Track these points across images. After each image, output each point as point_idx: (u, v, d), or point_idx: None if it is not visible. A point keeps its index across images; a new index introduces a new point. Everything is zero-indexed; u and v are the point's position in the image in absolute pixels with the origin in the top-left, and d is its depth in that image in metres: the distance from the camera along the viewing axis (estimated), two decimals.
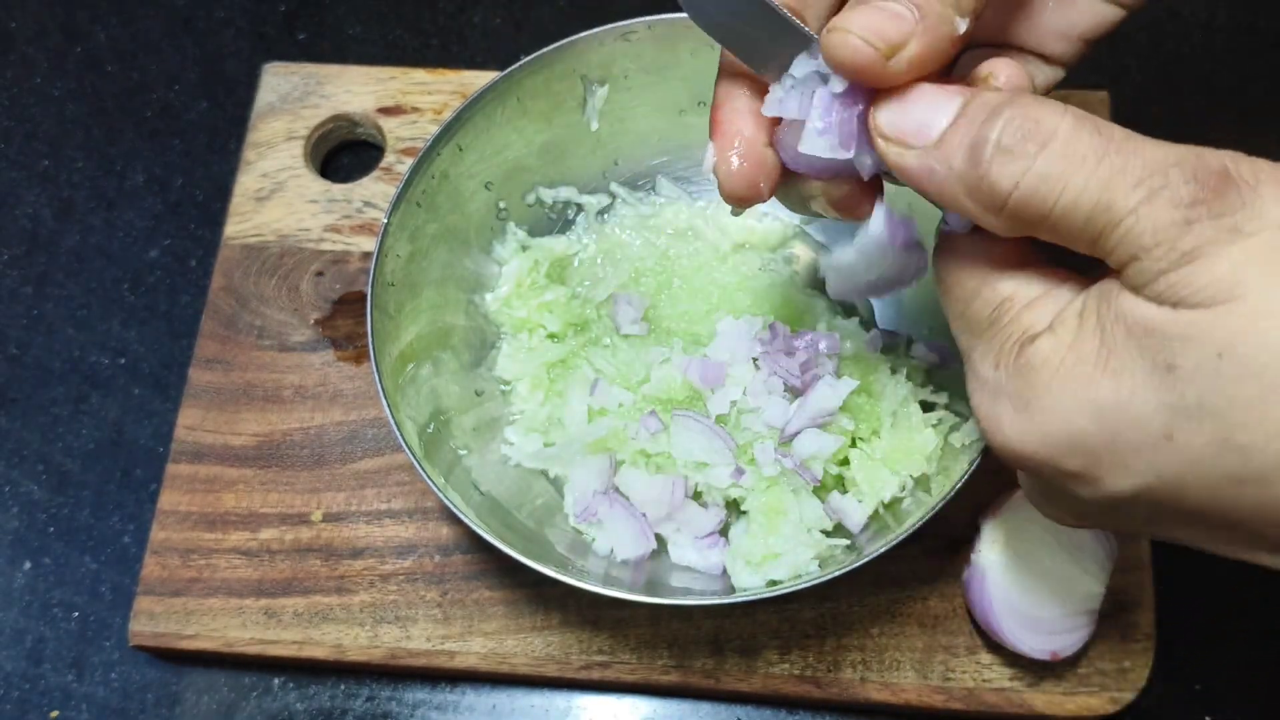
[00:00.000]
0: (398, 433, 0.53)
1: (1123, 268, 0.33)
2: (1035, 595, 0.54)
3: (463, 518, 0.52)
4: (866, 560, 0.51)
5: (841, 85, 0.39)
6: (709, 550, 0.56)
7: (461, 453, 0.58)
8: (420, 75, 0.75)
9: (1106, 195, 0.32)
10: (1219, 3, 0.80)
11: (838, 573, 0.50)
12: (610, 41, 0.61)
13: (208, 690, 0.62)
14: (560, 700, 0.61)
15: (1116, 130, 0.33)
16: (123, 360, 0.71)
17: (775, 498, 0.55)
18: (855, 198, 0.42)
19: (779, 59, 0.41)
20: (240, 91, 0.79)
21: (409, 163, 0.67)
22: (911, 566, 0.60)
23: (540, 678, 0.60)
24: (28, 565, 0.66)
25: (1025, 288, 0.37)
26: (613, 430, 0.58)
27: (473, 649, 0.60)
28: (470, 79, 0.75)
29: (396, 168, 0.72)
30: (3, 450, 0.69)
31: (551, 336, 0.63)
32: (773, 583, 0.53)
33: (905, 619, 0.59)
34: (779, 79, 0.41)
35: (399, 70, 0.75)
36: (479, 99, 0.60)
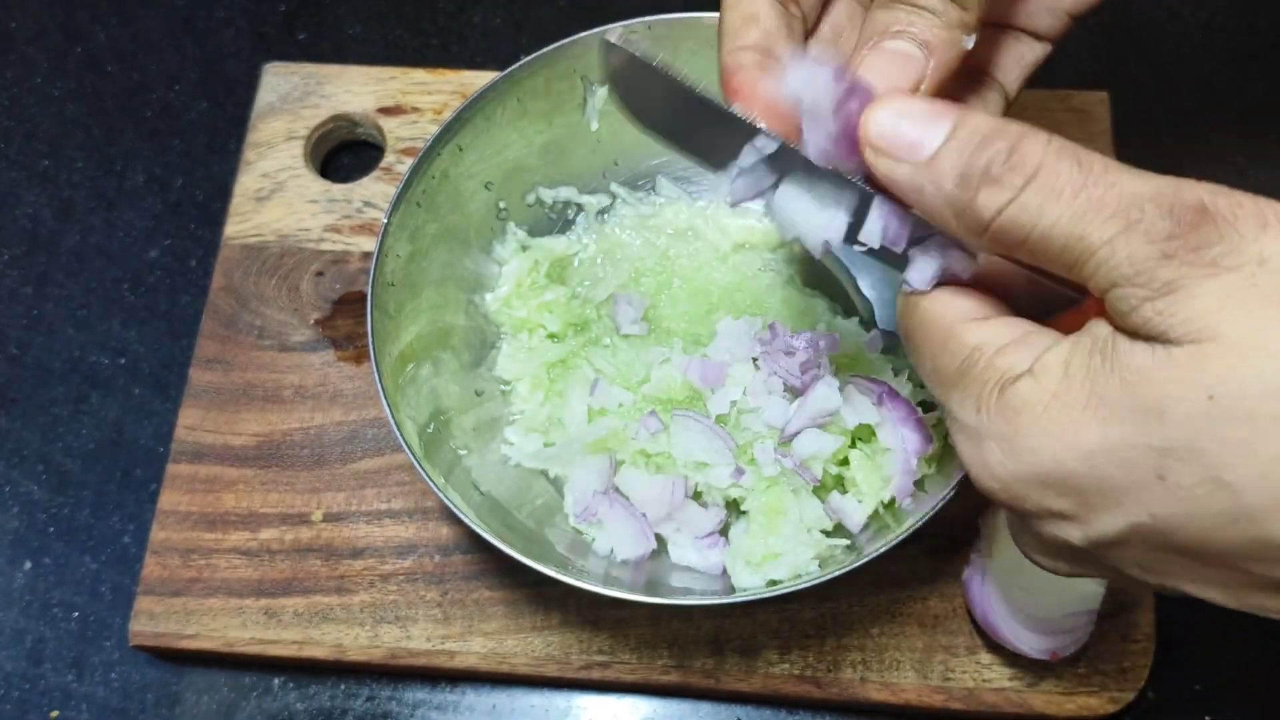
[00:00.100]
0: (398, 433, 0.53)
1: (1105, 294, 0.33)
2: (1035, 595, 0.54)
3: (463, 518, 0.52)
4: (866, 560, 0.51)
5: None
6: (709, 550, 0.56)
7: (461, 453, 0.58)
8: (420, 75, 0.75)
9: (1080, 227, 0.33)
10: (1219, 3, 0.79)
11: (838, 573, 0.50)
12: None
13: (208, 690, 0.62)
14: (560, 700, 0.61)
15: (1097, 162, 0.33)
16: (123, 360, 0.71)
17: (775, 498, 0.55)
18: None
19: (725, 150, 0.42)
20: (240, 91, 0.79)
21: (409, 163, 0.67)
22: (911, 566, 0.60)
23: (540, 678, 0.60)
24: (28, 565, 0.66)
25: (993, 336, 0.37)
26: (613, 430, 0.58)
27: (473, 649, 0.60)
28: (470, 79, 0.75)
29: (396, 168, 0.72)
30: (3, 450, 0.69)
31: (551, 336, 0.63)
32: (773, 583, 0.53)
33: (905, 619, 0.59)
34: (725, 169, 0.43)
35: (399, 70, 0.75)
36: (479, 99, 0.60)
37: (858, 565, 0.51)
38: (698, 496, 0.58)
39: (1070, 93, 0.71)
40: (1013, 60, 0.47)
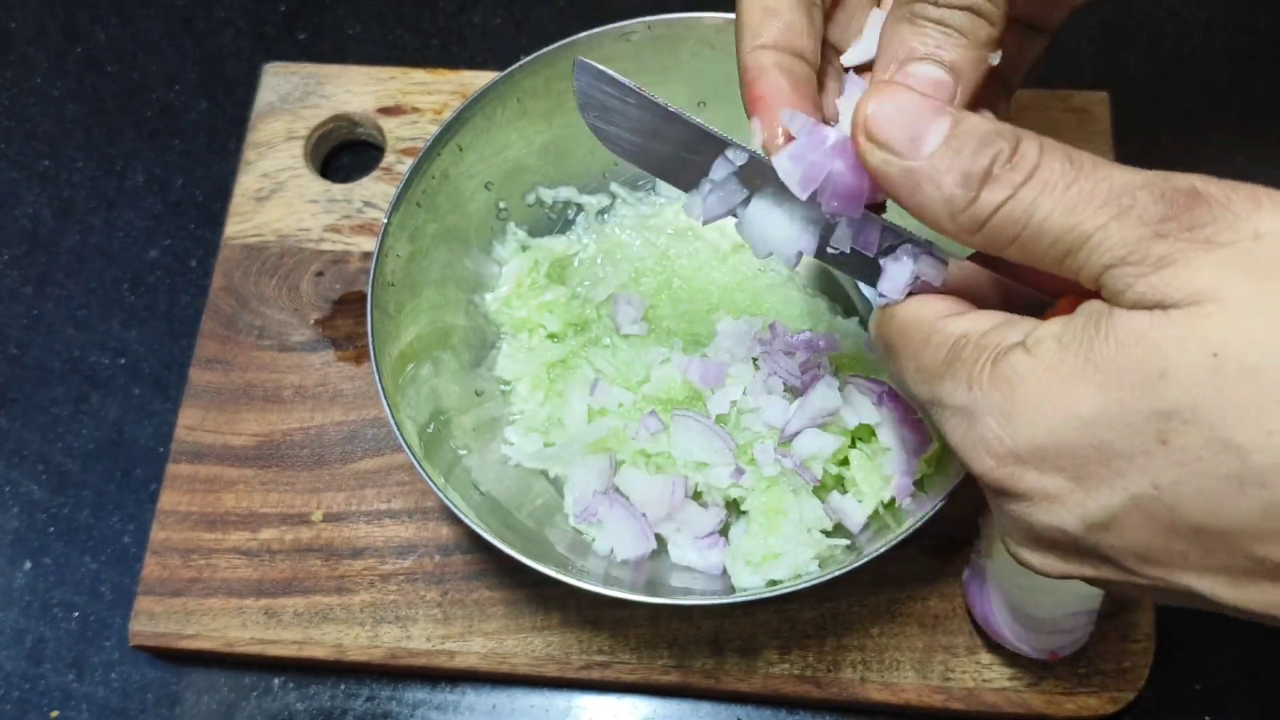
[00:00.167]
0: (398, 433, 0.53)
1: (1097, 280, 0.33)
2: (1035, 595, 0.54)
3: (463, 518, 0.52)
4: (866, 560, 0.51)
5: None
6: (709, 550, 0.56)
7: (461, 453, 0.58)
8: (420, 75, 0.75)
9: (1073, 217, 0.33)
10: (1219, 3, 0.79)
11: (838, 573, 0.50)
12: (610, 42, 0.61)
13: (208, 690, 0.62)
14: (560, 700, 0.61)
15: (1087, 159, 0.34)
16: (123, 360, 0.71)
17: (775, 498, 0.55)
18: None
19: (697, 169, 0.43)
20: (240, 91, 0.79)
21: (409, 163, 0.67)
22: (911, 566, 0.60)
23: (540, 678, 0.60)
24: (28, 565, 0.66)
25: (976, 324, 0.37)
26: (613, 430, 0.58)
27: (473, 649, 0.60)
28: (470, 79, 0.75)
29: (396, 168, 0.72)
30: (3, 450, 0.69)
31: (551, 336, 0.63)
32: (773, 583, 0.53)
33: (905, 619, 0.59)
34: (697, 188, 0.43)
35: (399, 70, 0.75)
36: (479, 99, 0.60)
37: (858, 565, 0.51)
38: (698, 496, 0.58)
39: (1070, 93, 0.71)
40: (1016, 53, 0.47)
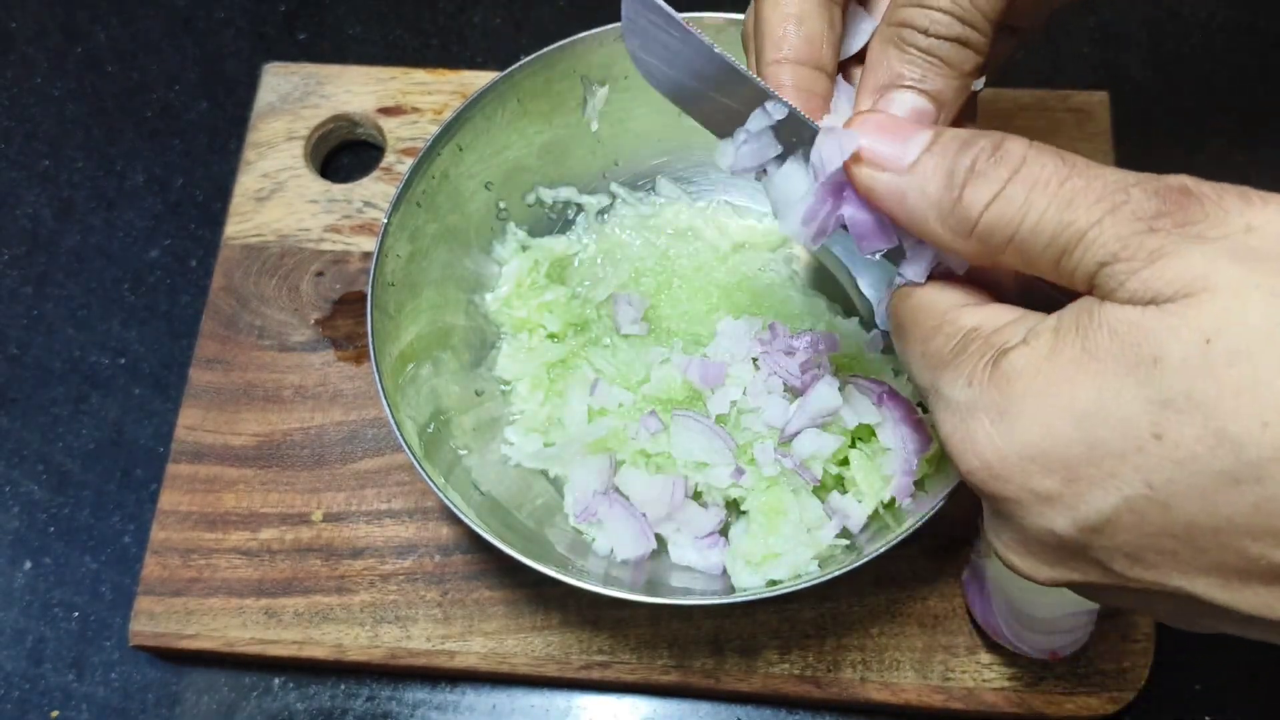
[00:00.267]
0: (398, 433, 0.53)
1: (1092, 279, 0.33)
2: (1035, 595, 0.54)
3: (463, 518, 0.52)
4: (866, 560, 0.51)
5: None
6: (709, 550, 0.56)
7: (461, 453, 0.58)
8: (420, 75, 0.75)
9: (1068, 214, 0.33)
10: (1219, 3, 0.80)
11: (838, 573, 0.50)
12: (610, 41, 0.61)
13: (208, 690, 0.62)
14: (560, 700, 0.61)
15: (1079, 159, 0.34)
16: (123, 360, 0.71)
17: (775, 498, 0.55)
18: None
19: (734, 117, 0.42)
20: (240, 91, 0.79)
21: (409, 163, 0.67)
22: (911, 566, 0.60)
23: (540, 678, 0.60)
24: (28, 565, 0.66)
25: (989, 318, 0.37)
26: (613, 430, 0.58)
27: (473, 649, 0.60)
28: (470, 79, 0.75)
29: (396, 168, 0.72)
30: (3, 450, 0.69)
31: (551, 336, 0.63)
32: (773, 583, 0.53)
33: (905, 619, 0.59)
34: (731, 135, 0.42)
35: (399, 70, 0.75)
36: (479, 99, 0.60)
37: (858, 565, 0.51)
38: (698, 496, 0.58)
39: (1070, 93, 0.71)
40: (990, 59, 0.47)
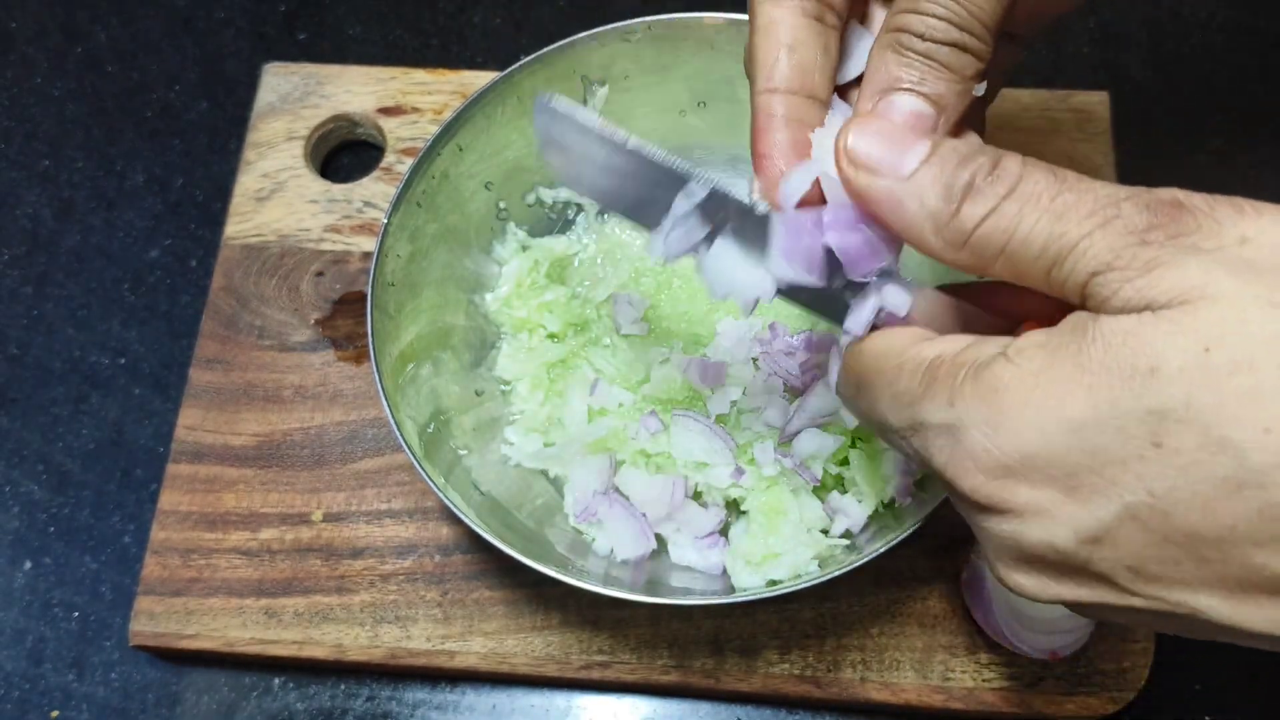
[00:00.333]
0: (398, 433, 0.53)
1: (1083, 289, 0.33)
2: None
3: (463, 518, 0.52)
4: (866, 560, 0.51)
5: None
6: (709, 550, 0.56)
7: (461, 453, 0.58)
8: (420, 75, 0.75)
9: (1059, 226, 0.33)
10: (1219, 3, 0.80)
11: (838, 573, 0.50)
12: (610, 42, 0.61)
13: (208, 690, 0.62)
14: (560, 700, 0.61)
15: (1070, 173, 0.34)
16: (123, 360, 0.71)
17: (775, 498, 0.55)
18: None
19: (660, 207, 0.42)
20: (240, 91, 0.79)
21: (409, 163, 0.67)
22: (911, 566, 0.60)
23: (540, 678, 0.60)
24: (28, 565, 0.66)
25: (950, 345, 0.36)
26: (613, 430, 0.58)
27: (473, 649, 0.60)
28: (470, 79, 0.75)
29: (396, 168, 0.72)
30: (3, 450, 0.69)
31: (551, 336, 0.63)
32: (773, 583, 0.53)
33: (905, 619, 0.59)
34: (658, 224, 0.42)
35: (399, 70, 0.75)
36: (479, 99, 0.60)
37: (858, 565, 0.51)
38: (698, 496, 0.58)
39: (1070, 93, 0.71)
40: (993, 65, 0.47)
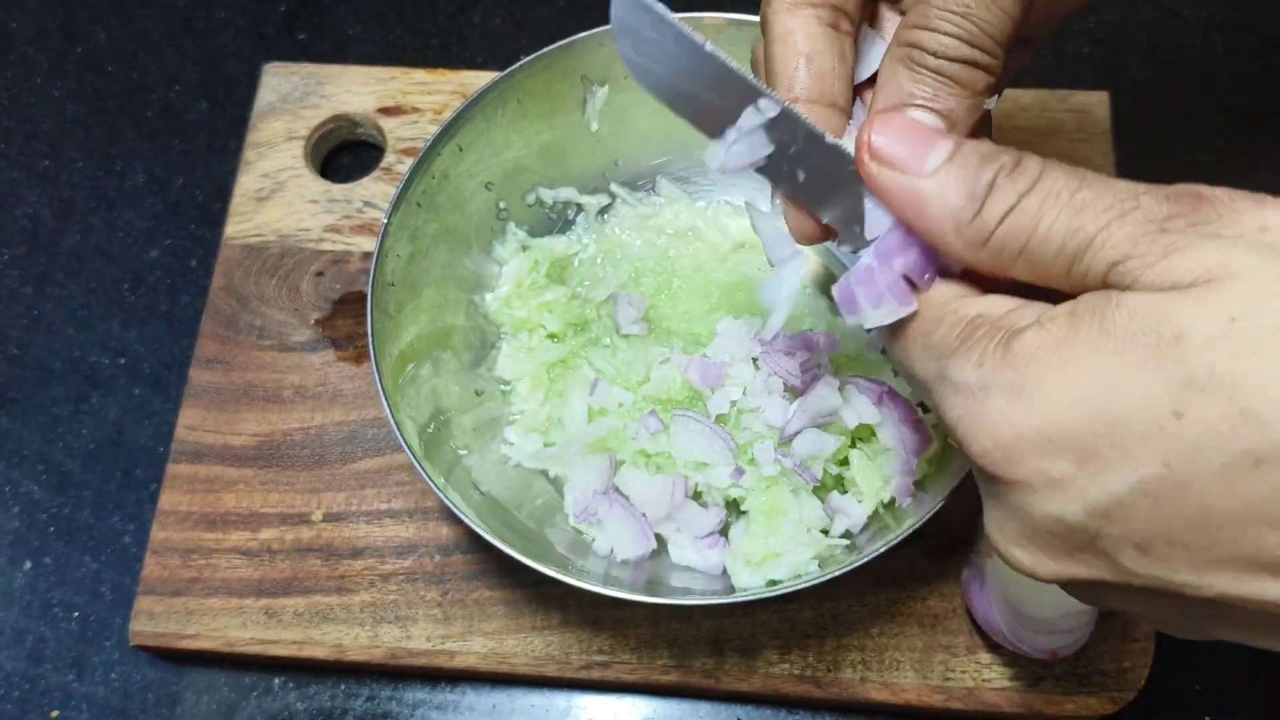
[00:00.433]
0: (398, 433, 0.53)
1: (1104, 279, 0.33)
2: (1035, 595, 0.54)
3: (463, 518, 0.52)
4: (866, 560, 0.51)
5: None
6: (709, 550, 0.56)
7: (461, 453, 0.58)
8: (420, 75, 0.75)
9: (1077, 221, 0.33)
10: (1219, 3, 0.80)
11: (838, 573, 0.50)
12: (610, 42, 0.60)
13: (208, 690, 0.62)
14: (560, 700, 0.61)
15: (1090, 173, 0.34)
16: (123, 360, 0.71)
17: (775, 498, 0.55)
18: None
19: (726, 116, 0.41)
20: (240, 91, 0.79)
21: (409, 163, 0.67)
22: (911, 566, 0.60)
23: (540, 678, 0.60)
24: (28, 565, 0.66)
25: (994, 305, 0.36)
26: (613, 430, 0.58)
27: (473, 649, 0.60)
28: (470, 79, 0.75)
29: (396, 168, 0.72)
30: (3, 450, 0.69)
31: (551, 336, 0.63)
32: (773, 583, 0.53)
33: (905, 619, 0.59)
34: (723, 136, 0.42)
35: (399, 70, 0.75)
36: (479, 99, 0.60)
37: (858, 565, 0.51)
38: (698, 496, 0.58)
39: (1070, 93, 0.71)
40: (1004, 72, 0.47)
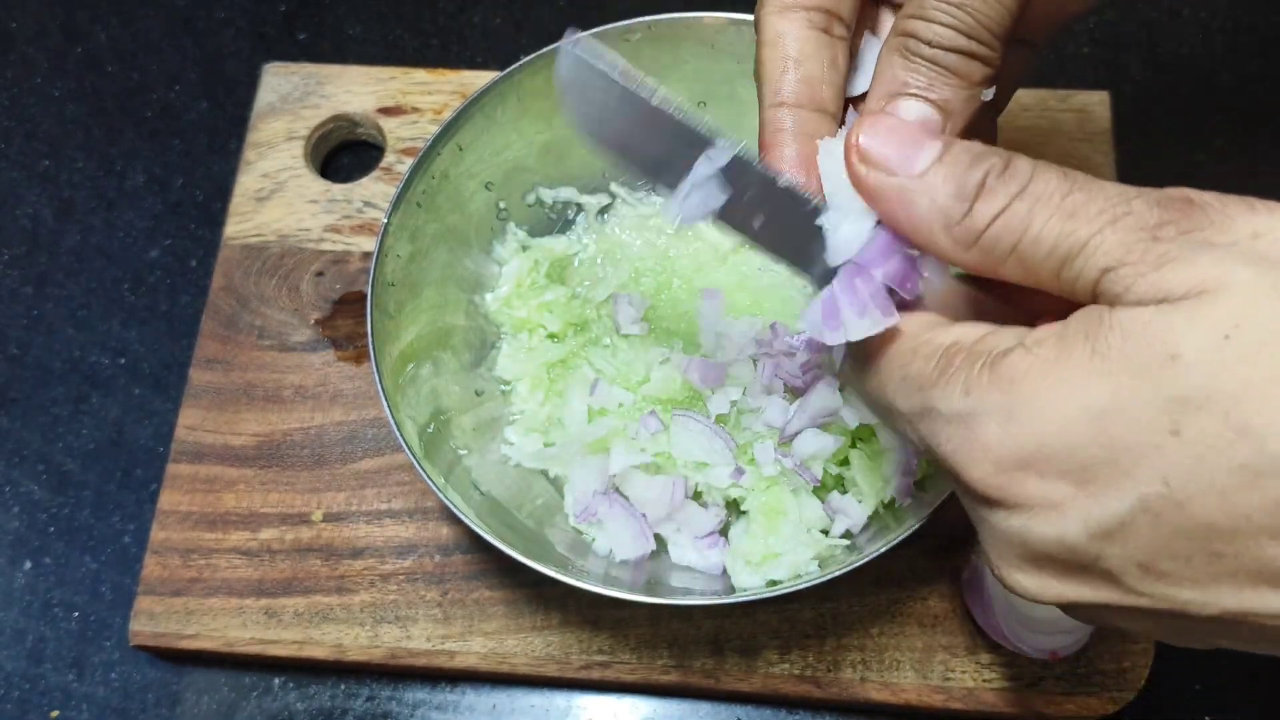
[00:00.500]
0: (398, 433, 0.53)
1: (1095, 286, 0.33)
2: None
3: (463, 518, 0.52)
4: (866, 560, 0.51)
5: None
6: (709, 550, 0.56)
7: (461, 453, 0.58)
8: (420, 75, 0.75)
9: (1069, 224, 0.33)
10: (1219, 3, 0.80)
11: (838, 573, 0.50)
12: (610, 42, 0.60)
13: (208, 690, 0.62)
14: (560, 700, 0.61)
15: (1080, 174, 0.34)
16: (123, 360, 0.71)
17: (775, 498, 0.55)
18: None
19: (679, 168, 0.41)
20: (240, 91, 0.79)
21: (409, 163, 0.67)
22: (911, 566, 0.60)
23: (540, 678, 0.60)
24: (28, 565, 0.66)
25: (967, 332, 0.36)
26: (613, 430, 0.58)
27: (473, 649, 0.60)
28: (470, 79, 0.75)
29: (396, 168, 0.72)
30: (3, 450, 0.69)
31: (551, 336, 0.63)
32: (773, 583, 0.53)
33: (905, 619, 0.59)
34: (675, 186, 0.41)
35: (399, 70, 0.75)
36: (479, 99, 0.60)
37: (858, 565, 0.51)
38: (698, 496, 0.58)
39: (1070, 93, 0.71)
40: (1007, 73, 0.47)
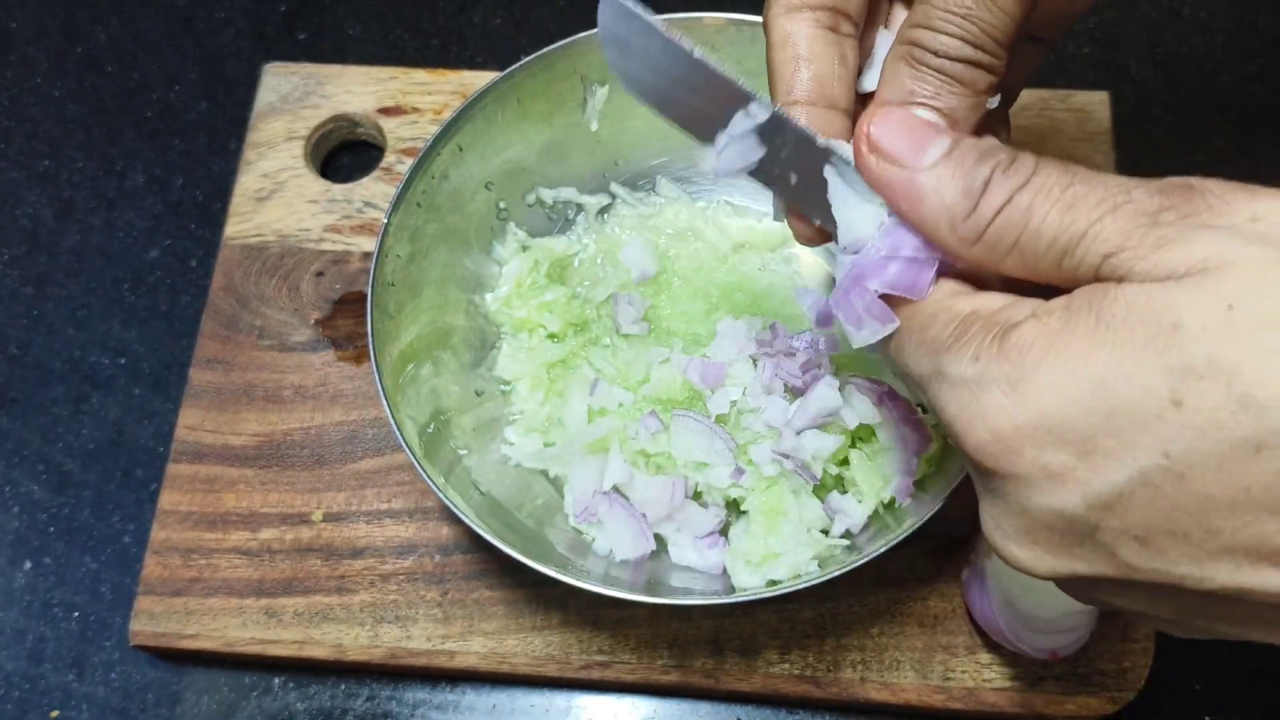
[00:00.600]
0: (398, 433, 0.53)
1: (1096, 272, 0.33)
2: (1035, 595, 0.54)
3: (463, 518, 0.52)
4: (866, 560, 0.51)
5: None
6: (709, 550, 0.56)
7: (461, 453, 0.58)
8: (420, 75, 0.75)
9: (1069, 216, 0.34)
10: (1219, 3, 0.80)
11: (838, 573, 0.50)
12: None
13: (208, 690, 0.62)
14: (560, 700, 0.61)
15: (1082, 168, 0.35)
16: (123, 360, 0.71)
17: (775, 498, 0.55)
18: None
19: (717, 122, 0.41)
20: (240, 91, 0.79)
21: (409, 163, 0.67)
22: (911, 566, 0.60)
23: (540, 678, 0.60)
24: (28, 565, 0.66)
25: (987, 301, 0.36)
26: (613, 430, 0.58)
27: (473, 649, 0.60)
28: (470, 79, 0.75)
29: (396, 168, 0.72)
30: (3, 450, 0.69)
31: (551, 336, 0.63)
32: (773, 583, 0.53)
33: (905, 619, 0.59)
34: (714, 141, 0.41)
35: (399, 70, 0.75)
36: (479, 99, 0.60)
37: (858, 565, 0.51)
38: (698, 496, 0.58)
39: (1070, 93, 0.71)
40: (1017, 67, 0.47)
